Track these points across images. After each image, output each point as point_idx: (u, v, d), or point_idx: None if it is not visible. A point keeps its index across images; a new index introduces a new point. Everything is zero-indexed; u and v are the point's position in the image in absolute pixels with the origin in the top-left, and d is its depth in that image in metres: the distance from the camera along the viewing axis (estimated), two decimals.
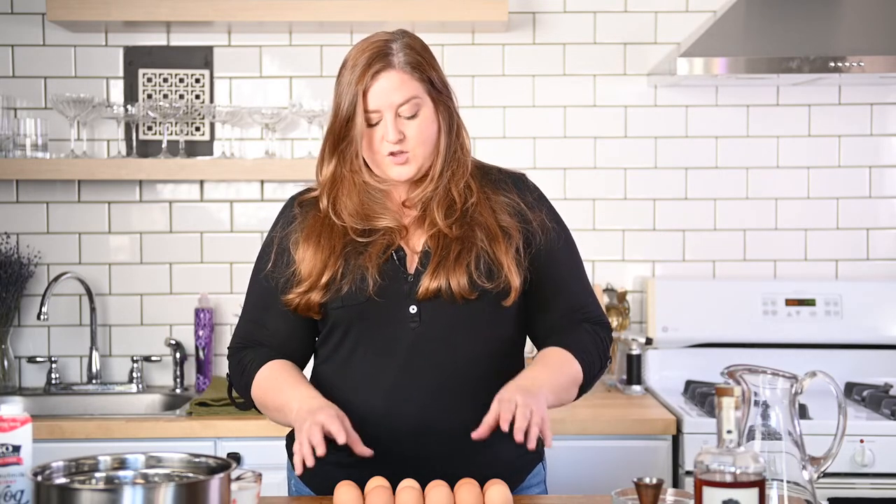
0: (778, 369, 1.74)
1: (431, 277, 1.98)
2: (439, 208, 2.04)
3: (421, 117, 2.01)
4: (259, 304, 2.12)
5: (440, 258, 2.00)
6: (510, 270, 2.01)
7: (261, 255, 2.13)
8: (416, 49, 2.04)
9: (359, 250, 2.02)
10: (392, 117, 1.99)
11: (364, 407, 2.00)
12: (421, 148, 2.02)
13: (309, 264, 2.01)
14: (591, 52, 3.53)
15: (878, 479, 2.86)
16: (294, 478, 2.14)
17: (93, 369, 3.45)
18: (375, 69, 1.99)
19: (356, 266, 2.00)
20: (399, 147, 2.00)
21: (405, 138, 2.00)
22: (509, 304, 2.02)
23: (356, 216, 2.04)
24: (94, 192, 3.50)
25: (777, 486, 1.70)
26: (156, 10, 3.28)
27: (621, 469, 2.85)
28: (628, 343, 3.37)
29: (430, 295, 1.97)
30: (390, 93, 1.99)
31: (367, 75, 1.99)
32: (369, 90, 1.99)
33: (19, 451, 1.66)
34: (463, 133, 2.10)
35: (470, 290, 1.98)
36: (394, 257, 2.02)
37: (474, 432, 1.87)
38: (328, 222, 2.05)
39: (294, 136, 3.52)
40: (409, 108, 2.00)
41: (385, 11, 3.26)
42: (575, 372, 2.05)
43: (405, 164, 2.02)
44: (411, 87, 2.00)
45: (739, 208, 3.55)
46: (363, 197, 2.05)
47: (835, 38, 3.25)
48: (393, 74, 1.99)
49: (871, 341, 3.39)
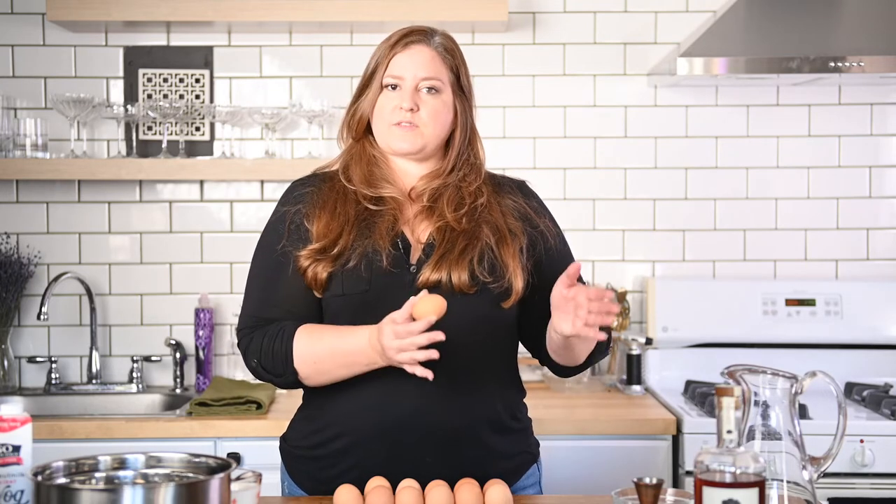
0: (778, 369, 1.74)
1: (433, 269, 1.99)
2: (449, 203, 2.06)
3: (439, 99, 2.07)
4: (272, 279, 2.06)
5: (445, 251, 2.01)
6: (514, 273, 2.02)
7: (268, 230, 2.10)
8: (454, 43, 2.12)
9: (369, 227, 2.03)
10: (412, 87, 2.05)
11: (359, 398, 2.00)
12: (431, 126, 2.06)
13: (325, 228, 2.02)
14: (591, 52, 3.53)
15: (878, 479, 2.86)
16: (287, 479, 2.15)
17: (93, 369, 3.45)
18: (411, 39, 2.07)
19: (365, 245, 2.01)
20: (409, 117, 2.04)
21: (418, 111, 2.05)
22: (508, 307, 2.02)
23: (364, 182, 2.08)
24: (94, 192, 3.50)
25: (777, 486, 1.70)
26: (156, 10, 3.28)
27: (621, 469, 2.85)
28: (628, 343, 3.37)
29: (428, 286, 1.98)
30: (418, 65, 2.05)
31: (402, 43, 2.06)
32: (398, 55, 2.06)
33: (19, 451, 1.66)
34: (477, 142, 2.16)
35: (470, 283, 1.99)
36: (399, 245, 2.03)
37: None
38: (342, 191, 2.08)
39: (294, 136, 3.52)
40: (431, 84, 2.06)
41: (385, 11, 3.27)
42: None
43: (411, 134, 2.06)
44: (440, 68, 2.07)
45: (739, 208, 3.55)
46: (371, 167, 2.10)
47: (835, 38, 3.25)
48: (426, 50, 2.07)
49: (871, 341, 3.39)
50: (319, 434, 2.07)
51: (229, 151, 3.49)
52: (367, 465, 1.99)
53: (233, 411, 2.98)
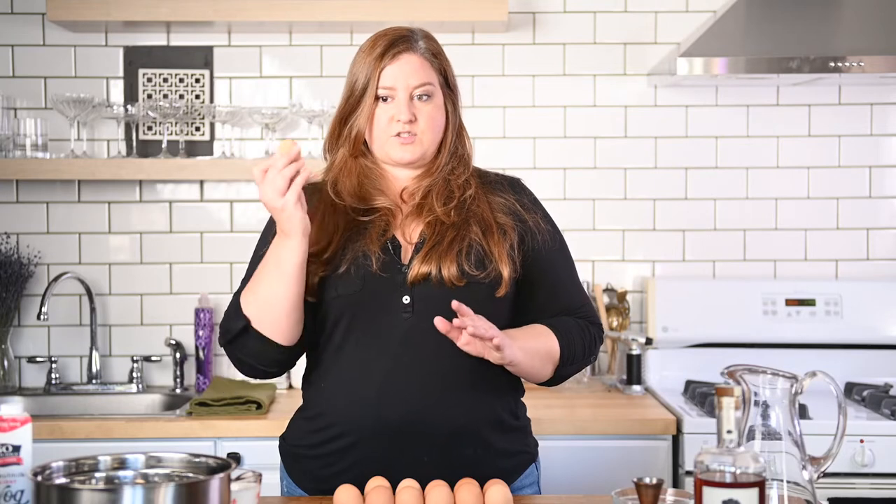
0: (778, 369, 1.74)
1: (422, 262, 2.00)
2: (438, 197, 2.07)
3: (433, 104, 2.08)
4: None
5: (434, 243, 2.02)
6: (500, 260, 2.03)
7: (262, 239, 2.14)
8: (435, 43, 2.13)
9: (359, 232, 2.04)
10: (406, 98, 2.05)
11: (356, 397, 2.01)
12: (429, 133, 2.07)
13: (314, 236, 2.02)
14: (591, 52, 3.53)
15: (878, 479, 2.86)
16: (286, 479, 2.15)
17: (93, 369, 3.45)
18: (398, 49, 2.06)
19: (356, 249, 2.02)
20: (409, 128, 2.05)
21: (416, 120, 2.06)
22: (501, 295, 2.03)
23: (355, 196, 2.08)
24: (94, 192, 3.50)
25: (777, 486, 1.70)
26: (156, 10, 3.28)
27: (621, 469, 2.85)
28: (628, 343, 3.37)
29: (419, 279, 1.99)
30: (409, 74, 2.05)
31: (389, 55, 2.05)
32: (387, 68, 2.05)
33: (19, 451, 1.66)
34: (464, 134, 2.17)
35: (459, 276, 1.99)
36: (389, 247, 2.03)
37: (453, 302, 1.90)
38: (331, 204, 2.08)
39: (294, 136, 3.52)
40: (423, 92, 2.06)
41: (385, 11, 3.26)
42: (550, 345, 2.07)
43: (411, 145, 2.07)
44: (429, 73, 2.07)
45: (739, 208, 3.55)
46: (361, 178, 2.10)
47: (835, 38, 3.25)
48: (414, 58, 2.07)
49: (871, 341, 3.39)
50: (318, 434, 2.07)
51: (229, 151, 3.49)
52: (365, 465, 1.99)
53: (233, 411, 2.98)
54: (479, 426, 2.03)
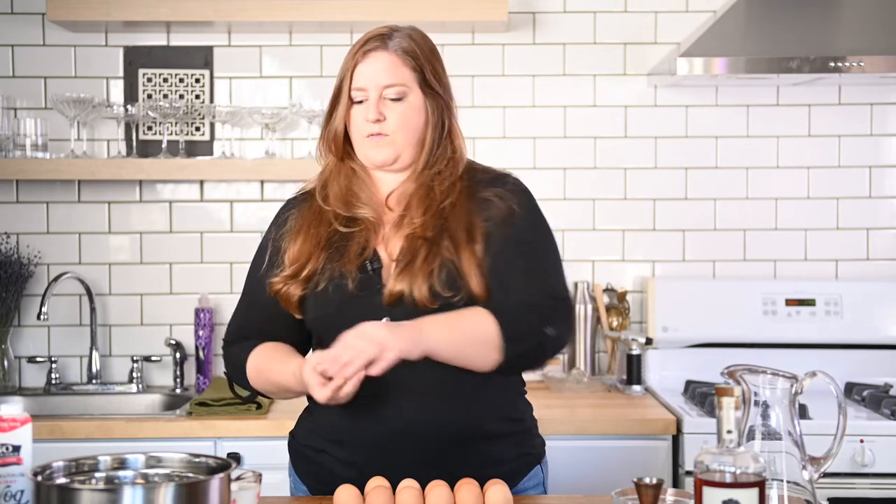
0: (778, 369, 1.74)
1: (395, 280, 1.97)
2: (419, 205, 2.03)
3: (406, 104, 2.03)
4: (249, 304, 2.16)
5: (406, 262, 1.98)
6: (472, 279, 1.96)
7: (256, 256, 2.16)
8: (416, 40, 2.07)
9: (339, 250, 2.02)
10: (376, 97, 2.02)
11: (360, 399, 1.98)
12: (401, 134, 2.03)
13: (297, 253, 2.03)
14: (591, 52, 3.53)
15: (878, 479, 2.86)
16: (293, 475, 2.15)
17: (93, 369, 3.45)
18: (368, 48, 2.03)
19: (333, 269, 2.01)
20: (378, 128, 2.02)
21: (385, 120, 2.02)
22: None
23: (340, 200, 2.06)
24: (94, 192, 3.50)
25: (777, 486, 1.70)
26: (156, 10, 3.28)
27: (621, 469, 2.85)
28: (628, 343, 3.37)
29: (394, 298, 1.97)
30: (378, 73, 2.02)
31: (360, 53, 2.03)
32: (359, 66, 2.03)
33: (19, 451, 1.66)
34: (454, 134, 2.09)
35: (431, 299, 1.95)
36: (368, 267, 2.01)
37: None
38: (318, 212, 2.07)
39: (294, 136, 3.52)
40: (395, 93, 2.03)
41: (385, 11, 3.26)
42: (483, 322, 1.93)
43: (383, 147, 2.04)
44: (401, 72, 2.03)
45: (739, 208, 3.55)
46: (349, 183, 2.08)
47: (835, 38, 3.25)
48: (384, 56, 2.03)
49: (871, 341, 3.39)
50: (320, 434, 2.07)
51: (229, 151, 3.49)
52: (366, 466, 1.99)
53: (233, 411, 2.98)
54: (481, 429, 2.02)
